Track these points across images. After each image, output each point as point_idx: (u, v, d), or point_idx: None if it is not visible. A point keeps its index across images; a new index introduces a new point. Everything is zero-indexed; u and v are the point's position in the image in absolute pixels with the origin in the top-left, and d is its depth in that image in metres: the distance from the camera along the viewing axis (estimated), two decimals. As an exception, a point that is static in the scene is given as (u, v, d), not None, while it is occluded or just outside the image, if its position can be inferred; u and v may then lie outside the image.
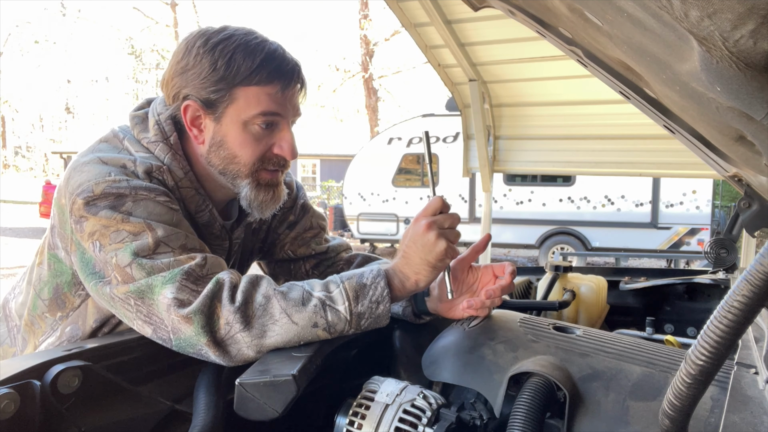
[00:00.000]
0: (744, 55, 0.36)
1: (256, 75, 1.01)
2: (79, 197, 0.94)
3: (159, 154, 1.06)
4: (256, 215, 1.15)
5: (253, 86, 1.02)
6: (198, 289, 0.90)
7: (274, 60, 1.03)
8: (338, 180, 17.03)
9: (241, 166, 1.07)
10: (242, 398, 0.81)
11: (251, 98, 1.03)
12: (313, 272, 1.34)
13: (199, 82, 1.02)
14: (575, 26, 0.64)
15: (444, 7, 3.24)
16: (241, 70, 1.01)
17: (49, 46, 32.96)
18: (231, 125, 1.05)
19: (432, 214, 0.97)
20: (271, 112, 1.04)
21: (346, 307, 0.92)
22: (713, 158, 0.99)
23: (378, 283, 0.94)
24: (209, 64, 1.01)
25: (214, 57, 1.01)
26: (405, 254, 0.98)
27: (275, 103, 1.04)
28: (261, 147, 1.07)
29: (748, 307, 0.43)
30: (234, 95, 1.02)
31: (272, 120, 1.06)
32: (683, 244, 9.10)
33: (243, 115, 1.04)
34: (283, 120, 1.08)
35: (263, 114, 1.04)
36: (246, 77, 1.01)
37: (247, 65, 1.01)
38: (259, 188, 1.10)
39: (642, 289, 1.80)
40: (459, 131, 5.51)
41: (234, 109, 1.04)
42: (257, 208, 1.12)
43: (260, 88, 1.02)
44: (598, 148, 4.06)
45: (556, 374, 0.81)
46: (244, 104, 1.03)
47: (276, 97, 1.04)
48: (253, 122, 1.04)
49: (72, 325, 1.06)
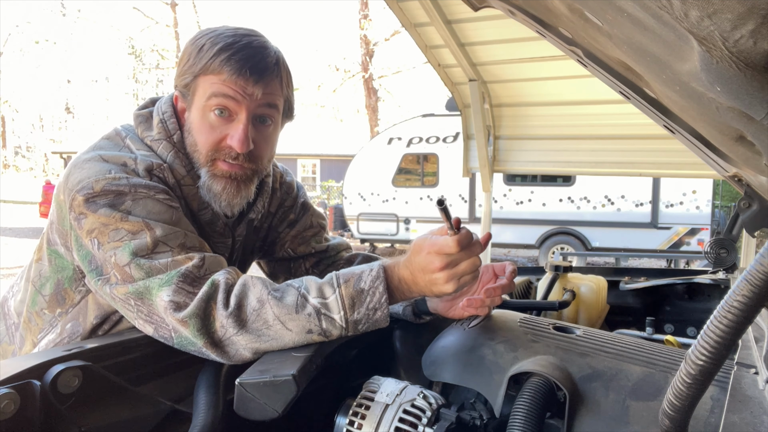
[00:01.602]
0: (744, 55, 0.36)
1: (212, 62, 1.03)
2: (79, 194, 0.95)
3: (162, 153, 1.07)
4: (214, 207, 1.13)
5: (209, 74, 1.04)
6: (194, 291, 0.90)
7: (231, 49, 1.03)
8: (338, 180, 17.03)
9: (200, 154, 1.09)
10: (242, 398, 0.81)
11: (207, 85, 1.05)
12: (313, 271, 1.34)
13: (179, 72, 1.08)
14: (575, 26, 0.64)
15: (444, 7, 3.23)
16: (203, 59, 1.04)
17: (49, 46, 32.98)
18: (195, 113, 1.08)
19: (447, 253, 0.89)
20: (221, 94, 1.04)
21: (342, 315, 0.90)
22: (713, 158, 0.99)
23: (377, 288, 0.91)
24: (187, 55, 1.07)
25: (191, 49, 1.07)
26: (412, 273, 0.93)
27: (226, 87, 1.04)
28: (215, 135, 1.07)
29: (748, 307, 0.43)
30: (197, 83, 1.06)
31: (223, 105, 1.05)
32: (683, 244, 9.09)
33: (201, 102, 1.06)
34: (240, 110, 1.05)
35: (213, 96, 1.04)
36: (204, 65, 1.04)
37: (208, 54, 1.04)
38: (215, 178, 1.09)
39: (642, 289, 1.80)
40: (459, 131, 5.51)
41: (197, 97, 1.07)
42: (214, 200, 1.11)
43: (215, 75, 1.04)
44: (598, 148, 4.06)
45: (556, 374, 0.81)
46: (202, 91, 1.06)
47: (227, 82, 1.03)
48: (208, 108, 1.06)
49: (72, 322, 1.06)
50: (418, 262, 0.91)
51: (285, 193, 1.34)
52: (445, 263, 0.89)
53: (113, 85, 36.25)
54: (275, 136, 1.16)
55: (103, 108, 36.43)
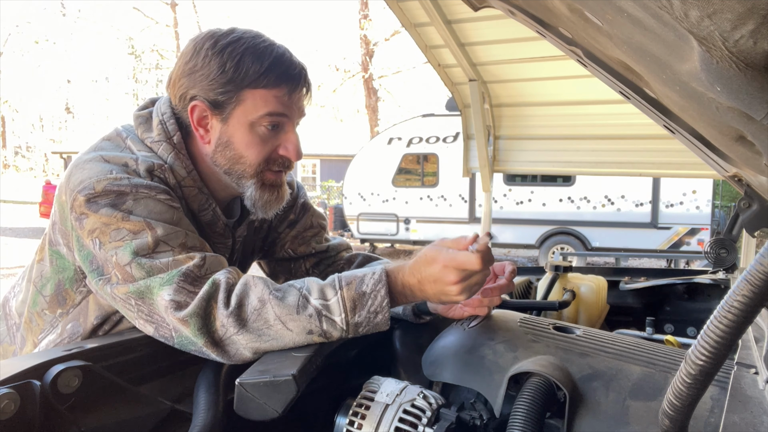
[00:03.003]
0: (744, 55, 0.36)
1: (264, 78, 1.03)
2: (81, 194, 0.95)
3: (162, 154, 1.07)
4: (259, 215, 1.16)
5: (260, 89, 1.04)
6: (195, 290, 0.90)
7: (282, 64, 1.05)
8: (338, 180, 17.02)
9: (247, 167, 1.09)
10: (242, 398, 0.81)
11: (258, 100, 1.04)
12: (314, 271, 1.34)
13: (207, 83, 1.04)
14: (575, 26, 0.64)
15: (444, 7, 3.23)
16: (250, 73, 1.02)
17: (49, 46, 32.96)
18: (238, 126, 1.06)
19: (470, 269, 0.88)
20: (277, 113, 1.06)
21: (343, 318, 0.90)
22: (713, 158, 0.99)
23: (378, 291, 0.91)
24: (218, 66, 1.03)
25: (223, 59, 1.02)
26: (421, 281, 0.92)
27: (282, 105, 1.06)
28: (267, 148, 1.09)
29: (748, 307, 0.43)
30: (242, 97, 1.04)
31: (278, 121, 1.08)
32: (683, 244, 9.09)
33: (250, 117, 1.05)
34: (289, 122, 1.10)
35: (270, 115, 1.05)
36: (254, 80, 1.03)
37: (256, 68, 1.02)
38: (264, 188, 1.12)
39: (642, 289, 1.80)
40: (459, 131, 5.51)
41: (241, 111, 1.05)
42: (261, 208, 1.14)
43: (268, 91, 1.04)
44: (598, 148, 4.06)
45: (556, 374, 0.81)
46: (251, 106, 1.05)
47: (283, 99, 1.06)
48: (259, 123, 1.06)
49: (73, 322, 1.06)
50: (430, 273, 0.91)
51: (285, 193, 1.35)
52: (461, 277, 0.89)
53: (113, 85, 36.27)
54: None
55: (103, 108, 36.41)
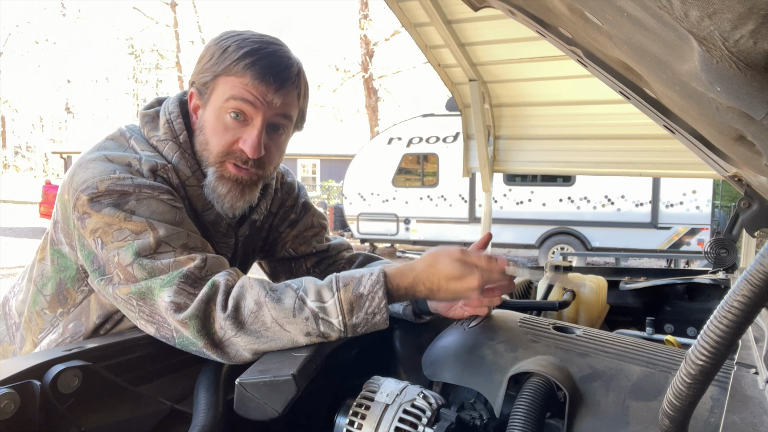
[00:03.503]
0: (744, 55, 0.36)
1: (236, 65, 1.03)
2: (83, 194, 0.95)
3: (167, 153, 1.07)
4: (217, 209, 1.12)
5: (231, 76, 1.04)
6: (195, 292, 0.90)
7: (256, 55, 1.04)
8: (338, 180, 17.02)
9: (210, 153, 1.08)
10: (242, 398, 0.81)
11: (227, 86, 1.05)
12: (314, 270, 1.35)
13: (198, 69, 1.08)
14: (575, 26, 0.64)
15: (444, 7, 3.23)
16: (227, 60, 1.04)
17: (49, 46, 32.96)
18: (210, 112, 1.08)
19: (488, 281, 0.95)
20: (240, 98, 1.04)
21: (340, 320, 0.90)
22: (713, 158, 0.99)
23: (376, 292, 0.91)
24: (209, 54, 1.07)
25: (214, 48, 1.07)
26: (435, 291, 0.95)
27: (246, 92, 1.04)
28: (227, 137, 1.07)
29: (748, 307, 0.43)
30: (216, 83, 1.06)
31: (241, 108, 1.04)
32: (683, 244, 9.09)
33: (218, 102, 1.06)
34: (257, 115, 1.05)
35: (232, 98, 1.04)
36: (226, 66, 1.04)
37: (232, 56, 1.04)
38: (221, 180, 1.09)
39: (642, 289, 1.80)
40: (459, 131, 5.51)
41: (215, 97, 1.07)
42: (217, 201, 1.11)
43: (236, 78, 1.04)
44: (598, 148, 4.06)
45: (556, 374, 0.81)
46: (221, 92, 1.06)
47: (248, 87, 1.03)
48: (224, 110, 1.06)
49: (75, 322, 1.06)
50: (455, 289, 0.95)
51: (286, 194, 1.35)
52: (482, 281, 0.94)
53: (113, 85, 36.26)
54: (285, 144, 1.17)
55: (103, 108, 36.44)
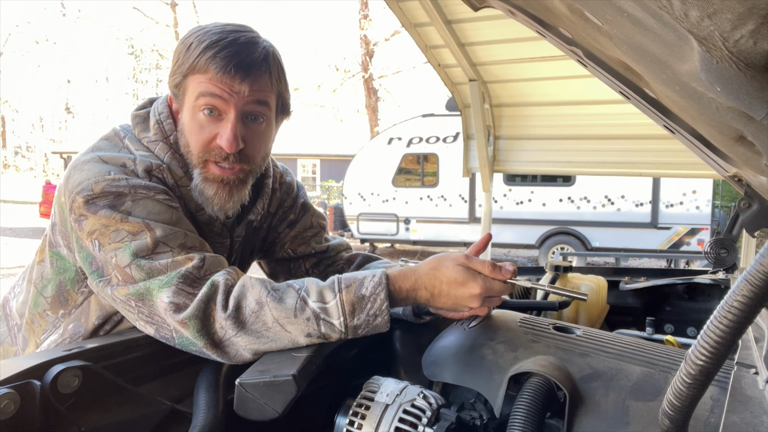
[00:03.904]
0: (744, 55, 0.36)
1: (198, 61, 1.01)
2: (79, 196, 0.95)
3: (159, 153, 1.06)
4: (208, 211, 1.11)
5: (196, 73, 1.02)
6: (194, 291, 0.90)
7: (217, 46, 1.01)
8: (338, 180, 17.02)
9: (192, 156, 1.07)
10: (242, 398, 0.81)
11: (195, 84, 1.03)
12: (313, 271, 1.34)
13: (171, 72, 1.07)
14: (575, 26, 0.64)
15: (444, 7, 3.24)
16: (191, 58, 1.02)
17: (49, 46, 32.95)
18: (186, 113, 1.06)
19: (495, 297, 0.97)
20: (208, 93, 1.01)
21: (341, 321, 0.89)
22: (713, 158, 0.99)
23: (378, 294, 0.90)
24: (177, 55, 1.06)
25: (180, 48, 1.05)
26: (436, 296, 0.95)
27: (213, 86, 1.01)
28: (204, 135, 1.04)
29: (748, 307, 0.43)
30: (186, 83, 1.04)
31: (211, 104, 1.02)
32: (683, 244, 9.09)
33: (190, 102, 1.05)
34: (229, 109, 1.03)
35: (201, 95, 1.02)
36: (191, 64, 1.02)
37: (195, 53, 1.02)
38: (206, 181, 1.07)
39: (642, 289, 1.80)
40: (459, 131, 5.51)
41: (187, 97, 1.05)
42: (206, 204, 1.09)
43: (201, 74, 1.02)
44: (598, 148, 4.06)
45: (556, 374, 0.81)
46: (191, 91, 1.04)
47: (213, 80, 1.01)
48: (197, 108, 1.04)
49: (75, 323, 1.06)
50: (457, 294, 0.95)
51: (285, 194, 1.34)
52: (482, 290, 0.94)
53: (113, 85, 36.27)
54: (269, 133, 1.13)
55: (103, 108, 36.42)
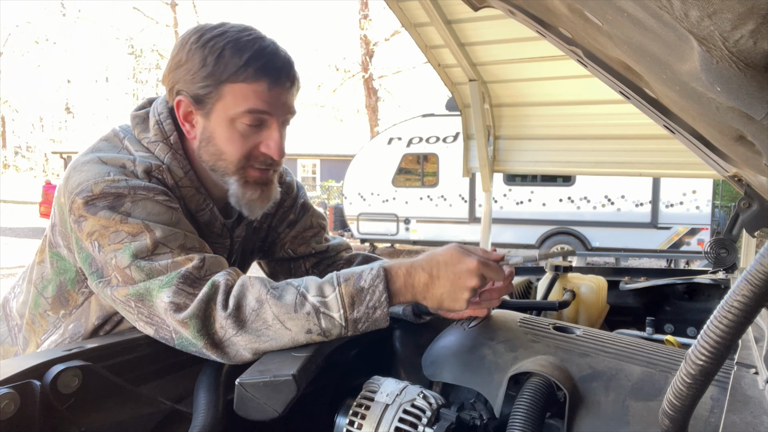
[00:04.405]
0: (744, 55, 0.36)
1: (243, 72, 1.01)
2: (79, 197, 0.95)
3: (159, 154, 1.06)
4: (245, 213, 1.14)
5: (239, 83, 1.02)
6: (195, 292, 0.90)
7: (263, 57, 1.02)
8: (338, 180, 17.02)
9: (228, 163, 1.07)
10: (242, 398, 0.81)
11: (238, 95, 1.02)
12: (313, 271, 1.34)
13: (190, 77, 1.03)
14: (575, 26, 0.64)
15: (444, 7, 3.23)
16: (229, 67, 1.01)
17: (49, 46, 32.95)
18: (219, 122, 1.05)
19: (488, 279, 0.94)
20: (257, 110, 1.04)
21: (342, 314, 0.89)
22: (713, 158, 0.99)
23: (377, 286, 0.90)
24: (200, 59, 1.02)
25: (204, 53, 1.02)
26: (434, 277, 0.92)
27: (262, 100, 1.03)
28: (247, 145, 1.06)
29: (748, 307, 0.43)
30: (221, 92, 1.03)
31: (259, 118, 1.05)
32: (683, 244, 9.09)
33: (230, 112, 1.03)
34: (272, 118, 1.06)
35: (249, 112, 1.03)
36: (233, 73, 1.01)
37: (235, 62, 1.00)
38: (247, 186, 1.09)
39: (642, 289, 1.80)
40: (459, 131, 5.51)
41: (222, 106, 1.04)
42: (246, 206, 1.12)
43: (247, 85, 1.02)
44: (598, 148, 4.06)
45: (556, 374, 0.81)
46: (231, 101, 1.03)
47: (263, 94, 1.03)
48: (239, 119, 1.04)
49: (75, 323, 1.06)
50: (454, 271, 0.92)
51: (285, 194, 1.34)
52: (479, 285, 0.92)
53: (113, 85, 36.28)
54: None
55: (103, 108, 36.41)
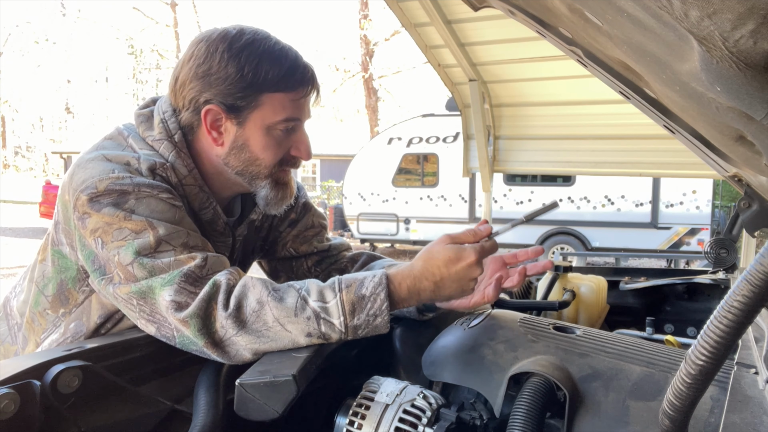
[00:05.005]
0: (744, 55, 0.35)
1: (284, 82, 1.05)
2: (83, 194, 0.95)
3: (163, 152, 1.06)
4: (272, 212, 1.20)
5: (279, 93, 1.05)
6: (196, 290, 0.90)
7: (299, 67, 1.08)
8: (338, 180, 17.02)
9: (262, 168, 1.11)
10: (242, 398, 0.81)
11: (277, 104, 1.06)
12: (315, 269, 1.35)
13: (224, 87, 1.03)
14: (575, 26, 0.64)
15: (444, 7, 3.23)
16: (269, 77, 1.04)
17: (49, 46, 32.97)
18: (254, 129, 1.07)
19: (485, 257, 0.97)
20: (294, 118, 1.09)
21: (342, 321, 0.90)
22: (713, 158, 0.99)
23: (378, 294, 0.91)
24: (236, 70, 1.02)
25: (241, 63, 1.02)
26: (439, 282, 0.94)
27: (298, 109, 1.09)
28: (282, 150, 1.11)
29: (748, 307, 0.43)
30: (260, 101, 1.05)
31: (294, 125, 1.10)
32: (683, 244, 9.09)
33: (267, 121, 1.07)
34: (301, 123, 1.12)
35: (287, 120, 1.08)
36: (274, 84, 1.04)
37: (275, 72, 1.04)
38: (278, 187, 1.15)
39: (642, 289, 1.80)
40: (459, 131, 5.51)
41: (258, 114, 1.06)
42: (275, 206, 1.18)
43: (285, 95, 1.06)
44: (598, 148, 4.06)
45: (556, 374, 0.81)
46: (269, 110, 1.06)
47: (299, 103, 1.09)
48: (276, 127, 1.08)
49: (76, 322, 1.06)
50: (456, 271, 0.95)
51: (285, 193, 1.35)
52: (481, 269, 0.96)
53: (113, 85, 36.31)
54: None
55: (103, 108, 36.43)
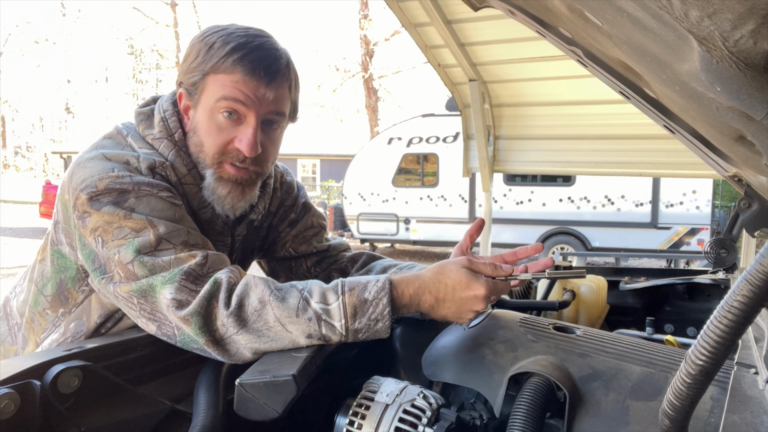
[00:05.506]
0: (744, 55, 0.36)
1: (223, 62, 1.01)
2: (83, 193, 0.95)
3: (163, 151, 1.06)
4: (217, 209, 1.12)
5: (220, 73, 1.02)
6: (197, 289, 0.90)
7: (244, 49, 1.01)
8: (338, 180, 17.02)
9: (206, 155, 1.07)
10: (242, 398, 0.81)
11: (217, 85, 1.03)
12: (315, 269, 1.35)
13: (185, 70, 1.06)
14: (575, 26, 0.64)
15: (444, 7, 3.24)
16: (213, 58, 1.02)
17: (49, 46, 32.96)
18: (202, 113, 1.06)
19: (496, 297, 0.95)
20: (231, 98, 1.02)
21: (343, 324, 0.89)
22: (713, 158, 0.99)
23: (380, 299, 0.90)
24: (195, 52, 1.05)
25: (199, 46, 1.05)
26: (441, 300, 0.93)
27: (237, 90, 1.02)
28: (222, 137, 1.05)
29: (748, 307, 0.43)
30: (206, 82, 1.04)
31: (233, 108, 1.03)
32: (683, 244, 9.09)
33: (210, 102, 1.04)
34: (250, 113, 1.04)
35: (224, 98, 1.02)
36: (214, 64, 1.02)
37: (219, 53, 1.02)
38: (220, 181, 1.08)
39: (642, 289, 1.80)
40: (459, 131, 5.51)
41: (205, 97, 1.05)
42: (216, 202, 1.10)
43: (225, 75, 1.02)
44: (598, 148, 4.06)
45: (556, 374, 0.81)
46: (211, 91, 1.04)
47: (238, 84, 1.01)
48: (217, 109, 1.04)
49: (76, 321, 1.06)
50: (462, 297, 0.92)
51: (285, 193, 1.35)
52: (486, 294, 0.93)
53: (113, 85, 36.32)
54: (281, 139, 1.15)
55: (103, 108, 36.42)
